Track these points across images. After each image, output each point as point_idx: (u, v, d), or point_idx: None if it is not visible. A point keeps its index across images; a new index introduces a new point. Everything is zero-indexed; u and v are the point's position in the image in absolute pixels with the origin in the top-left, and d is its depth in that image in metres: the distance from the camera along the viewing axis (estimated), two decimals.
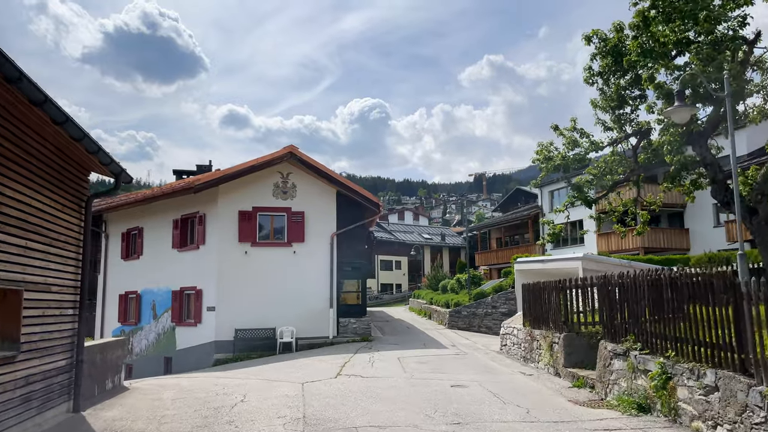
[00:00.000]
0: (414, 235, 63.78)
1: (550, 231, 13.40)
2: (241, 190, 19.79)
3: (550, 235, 13.41)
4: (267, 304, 19.35)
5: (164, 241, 21.54)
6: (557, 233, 13.30)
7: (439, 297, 29.25)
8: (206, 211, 20.07)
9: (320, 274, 19.95)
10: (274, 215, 20.09)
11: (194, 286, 20.09)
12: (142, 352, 22.38)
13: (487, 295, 24.09)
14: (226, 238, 19.47)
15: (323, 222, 20.24)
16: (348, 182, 19.86)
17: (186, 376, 14.36)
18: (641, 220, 13.58)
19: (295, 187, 20.21)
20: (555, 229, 13.30)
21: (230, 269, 19.32)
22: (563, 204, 13.50)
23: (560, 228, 13.46)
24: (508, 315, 23.24)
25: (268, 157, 19.30)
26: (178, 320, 20.62)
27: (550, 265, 20.90)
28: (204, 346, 19.42)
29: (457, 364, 12.96)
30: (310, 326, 19.50)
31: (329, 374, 11.69)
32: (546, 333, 11.70)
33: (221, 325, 18.99)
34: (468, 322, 23.89)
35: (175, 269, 21.04)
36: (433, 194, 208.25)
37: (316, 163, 19.72)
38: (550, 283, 11.87)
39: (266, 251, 19.75)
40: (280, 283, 19.56)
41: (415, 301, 38.91)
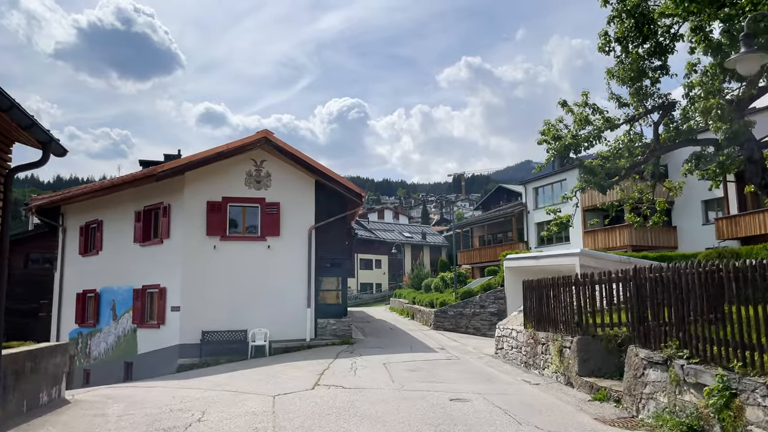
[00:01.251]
0: (394, 233, 62.32)
1: (556, 221, 11.95)
2: (209, 178, 18.03)
3: (557, 225, 11.98)
4: (238, 304, 17.64)
5: (125, 235, 19.67)
6: (564, 223, 11.87)
7: (423, 296, 27.79)
8: (171, 202, 18.26)
9: (297, 271, 18.30)
10: (247, 206, 18.38)
11: (157, 284, 18.27)
12: (100, 356, 20.45)
13: (475, 294, 22.68)
14: (193, 231, 17.70)
15: (300, 214, 18.59)
16: (328, 170, 18.24)
17: (143, 386, 12.63)
18: (657, 208, 12.20)
19: (270, 176, 18.52)
20: (562, 219, 11.85)
21: (197, 265, 17.55)
22: (572, 190, 12.07)
23: (567, 217, 12.03)
24: (497, 315, 21.87)
25: (239, 142, 17.58)
26: (140, 321, 18.77)
27: (543, 261, 19.55)
28: (167, 350, 17.61)
29: (452, 371, 11.45)
30: (285, 328, 17.84)
31: (305, 384, 10.09)
32: (554, 336, 10.26)
33: (187, 327, 17.22)
34: (455, 323, 22.46)
35: (137, 266, 19.18)
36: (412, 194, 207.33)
37: (292, 149, 18.06)
38: (559, 279, 10.44)
39: (237, 246, 18.02)
40: (252, 280, 17.86)
41: (396, 300, 37.44)
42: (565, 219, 11.81)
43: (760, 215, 26.32)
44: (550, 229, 12.23)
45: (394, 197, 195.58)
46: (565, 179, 38.54)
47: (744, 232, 27.26)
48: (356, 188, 18.41)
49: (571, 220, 11.91)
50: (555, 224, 12.02)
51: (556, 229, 11.99)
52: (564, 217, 11.92)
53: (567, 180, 38.34)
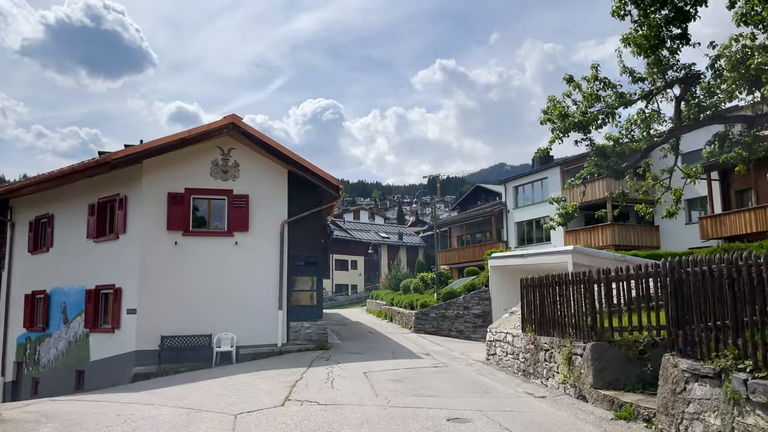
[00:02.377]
0: (371, 233, 60.92)
1: (561, 211, 10.67)
2: (171, 168, 16.37)
3: (562, 216, 10.69)
4: (202, 306, 16.01)
5: (78, 230, 17.86)
6: (569, 214, 10.58)
7: (402, 297, 26.43)
8: (128, 194, 16.54)
9: (267, 269, 16.74)
10: (212, 199, 16.75)
11: (112, 284, 16.52)
12: (50, 364, 18.57)
13: (458, 295, 21.40)
14: (152, 226, 16.01)
15: (272, 208, 17.03)
16: (302, 160, 16.72)
17: (89, 399, 11.01)
18: (673, 197, 11.02)
19: (238, 166, 16.93)
20: (566, 209, 10.57)
21: (156, 263, 15.87)
22: (578, 176, 10.83)
23: (573, 207, 10.76)
24: (482, 317, 20.65)
25: (204, 127, 15.96)
26: (93, 325, 16.98)
27: (531, 260, 18.36)
28: (122, 357, 15.89)
29: (442, 381, 10.08)
30: (254, 332, 16.26)
31: (274, 400, 8.61)
32: (561, 341, 8.97)
33: (144, 332, 15.53)
34: (436, 326, 21.15)
35: (90, 264, 17.40)
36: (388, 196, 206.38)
37: (263, 136, 16.50)
38: (566, 276, 9.17)
39: (201, 242, 16.39)
40: (218, 280, 16.25)
41: (373, 302, 36.03)
42: (570, 209, 10.56)
43: (746, 214, 25.69)
44: (553, 220, 10.94)
45: (370, 198, 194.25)
46: (546, 177, 37.69)
47: (729, 231, 26.61)
48: (333, 179, 16.94)
49: (577, 211, 10.65)
50: (559, 215, 10.74)
51: (561, 221, 10.72)
52: (569, 206, 10.67)
53: (548, 178, 37.50)
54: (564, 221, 10.61)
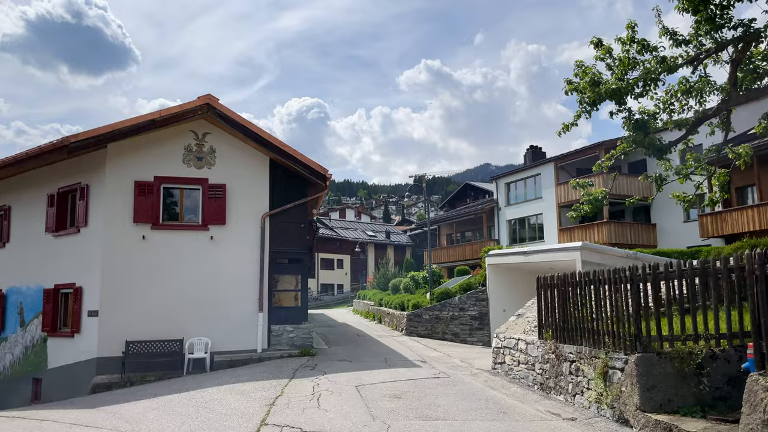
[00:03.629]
0: (357, 232, 59.37)
1: (588, 198, 9.20)
2: (138, 153, 14.69)
3: (590, 203, 9.22)
4: (172, 308, 14.37)
5: (37, 223, 16.10)
6: (599, 201, 9.10)
7: (391, 298, 24.94)
8: (90, 182, 14.83)
9: (246, 267, 15.12)
10: (185, 188, 15.10)
11: (72, 283, 14.81)
12: (5, 371, 16.77)
13: (453, 295, 19.95)
14: (117, 218, 14.33)
15: (252, 199, 15.42)
16: (286, 146, 15.13)
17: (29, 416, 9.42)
18: (716, 183, 9.60)
19: (214, 152, 15.29)
20: (595, 195, 9.09)
21: (121, 260, 14.19)
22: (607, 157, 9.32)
23: (602, 193, 9.27)
24: (479, 319, 19.24)
25: (175, 108, 14.29)
26: (51, 329, 15.26)
27: (535, 257, 16.98)
28: (82, 365, 14.19)
29: (449, 397, 8.57)
30: (231, 336, 14.65)
31: (248, 424, 7.05)
32: (593, 352, 7.52)
33: (107, 336, 13.85)
34: (430, 328, 19.68)
35: (50, 261, 15.66)
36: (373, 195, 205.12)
37: (242, 119, 14.87)
38: (601, 274, 7.70)
39: (173, 236, 14.73)
40: (191, 278, 14.61)
41: (360, 302, 34.53)
42: (599, 194, 9.09)
43: (748, 212, 24.62)
44: (579, 208, 9.47)
45: (355, 198, 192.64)
46: (540, 174, 36.42)
47: (730, 229, 25.55)
48: (319, 167, 15.36)
49: (607, 198, 9.20)
50: (586, 200, 9.26)
51: (588, 209, 9.25)
52: (597, 192, 9.18)
53: (542, 175, 36.24)
54: (592, 210, 9.15)
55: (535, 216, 36.57)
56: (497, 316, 19.26)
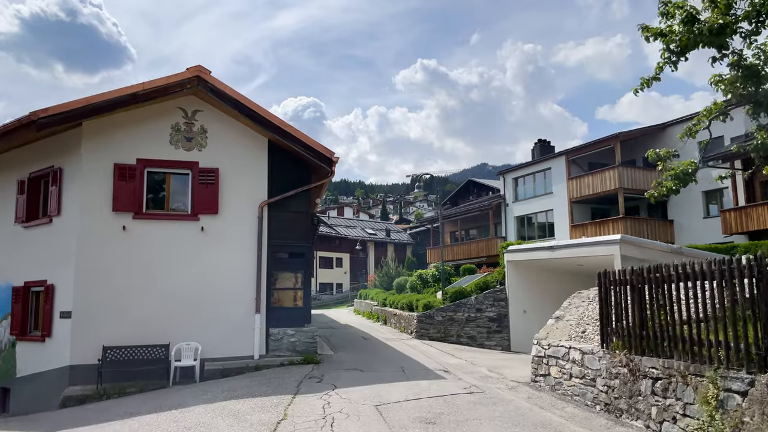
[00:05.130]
0: (357, 230, 57.58)
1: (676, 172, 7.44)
2: (119, 133, 12.90)
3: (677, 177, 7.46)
4: (157, 309, 12.59)
5: (6, 212, 14.31)
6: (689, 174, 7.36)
7: (398, 298, 23.18)
8: (64, 165, 13.04)
9: (242, 262, 13.36)
10: (173, 173, 13.32)
11: (44, 281, 13.02)
12: None
13: (469, 295, 18.22)
14: (94, 205, 12.53)
15: (248, 185, 13.66)
16: (287, 126, 13.37)
17: None
18: None
19: (206, 133, 13.52)
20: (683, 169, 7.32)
21: (99, 254, 12.40)
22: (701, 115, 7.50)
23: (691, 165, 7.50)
24: (497, 320, 17.52)
25: (161, 81, 12.49)
26: (20, 332, 13.46)
27: (562, 252, 15.27)
28: (54, 374, 12.39)
29: (495, 423, 6.81)
30: (224, 341, 12.89)
31: None
32: (692, 368, 5.78)
33: (81, 341, 12.06)
34: (443, 331, 17.94)
35: (19, 255, 13.86)
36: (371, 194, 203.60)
37: (237, 95, 13.09)
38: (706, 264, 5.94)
39: (158, 227, 12.95)
40: (178, 275, 12.84)
41: (362, 302, 32.77)
42: (687, 167, 7.34)
43: None
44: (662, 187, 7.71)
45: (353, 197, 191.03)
46: (550, 168, 34.72)
47: (755, 225, 23.97)
48: (325, 150, 13.60)
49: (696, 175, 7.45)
50: (671, 175, 7.51)
51: (672, 186, 7.51)
52: (685, 164, 7.43)
53: (552, 169, 34.54)
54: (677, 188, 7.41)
55: (545, 212, 34.89)
56: (517, 318, 17.57)
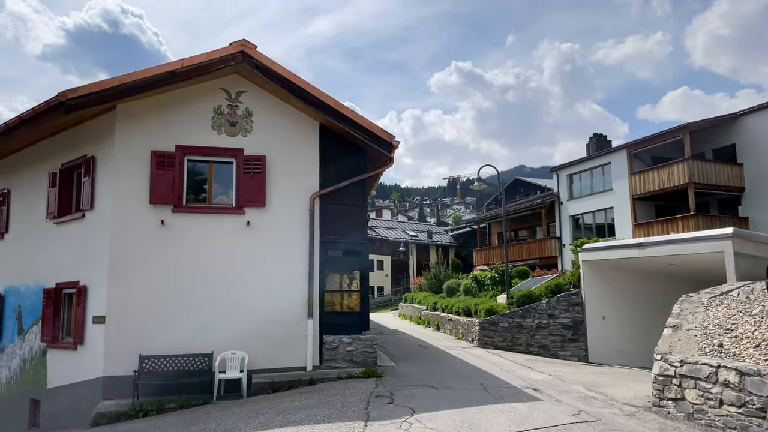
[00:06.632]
0: (398, 231, 55.94)
1: None
2: (156, 116, 11.58)
3: None
4: (199, 314, 11.18)
5: (37, 208, 13.20)
6: None
7: (452, 301, 21.41)
8: (97, 153, 11.79)
9: (292, 261, 11.86)
10: (215, 161, 11.92)
11: (76, 281, 11.78)
12: (1, 388, 13.89)
13: (538, 299, 16.32)
14: (129, 198, 11.22)
15: (298, 175, 12.15)
16: (343, 107, 11.81)
17: None
18: None
19: (251, 116, 12.08)
20: None
21: (134, 251, 11.07)
22: None
23: None
24: (572, 328, 15.59)
25: (202, 57, 11.08)
26: (52, 338, 12.27)
27: (653, 250, 13.28)
28: (86, 386, 11.10)
29: None
30: (273, 350, 11.40)
31: None
32: None
33: (116, 349, 10.74)
34: (510, 339, 16.09)
35: (50, 253, 12.70)
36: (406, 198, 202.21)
37: (287, 72, 11.58)
38: None
39: (199, 221, 11.55)
40: (221, 275, 11.41)
41: (408, 306, 31.08)
42: None
43: None
44: None
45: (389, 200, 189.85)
46: (609, 163, 32.39)
47: None
48: (385, 133, 11.99)
49: None
50: None
51: None
52: None
53: (611, 164, 32.20)
54: None
55: (604, 210, 32.55)
56: (596, 325, 15.60)
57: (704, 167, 28.20)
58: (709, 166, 28.36)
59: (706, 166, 28.30)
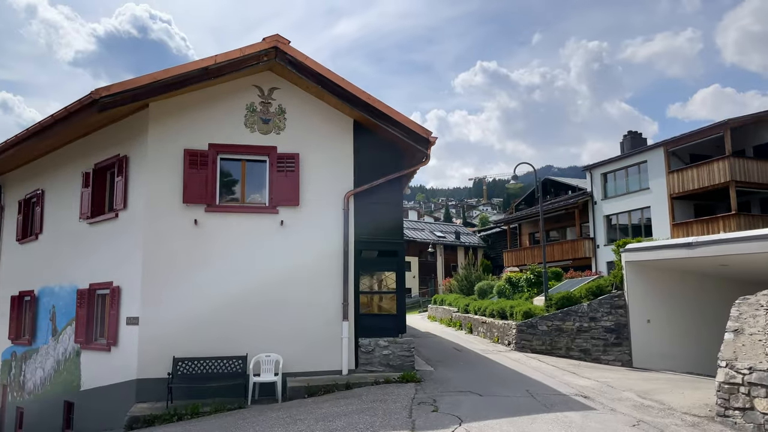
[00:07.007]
0: (425, 232, 55.41)
1: None
2: (189, 114, 11.39)
3: None
4: (232, 315, 10.94)
5: (71, 208, 13.16)
6: None
7: (485, 304, 20.89)
8: (130, 153, 11.65)
9: (326, 261, 11.55)
10: (248, 160, 11.68)
11: (109, 282, 11.65)
12: (35, 390, 13.89)
13: (579, 301, 15.73)
14: (162, 197, 11.04)
15: (332, 173, 11.84)
16: (378, 101, 11.46)
17: None
18: None
19: (284, 113, 11.81)
20: None
21: (167, 251, 10.89)
22: None
23: None
24: (615, 331, 14.97)
25: (235, 53, 10.85)
26: (85, 340, 12.17)
27: (705, 250, 12.61)
28: (119, 388, 10.95)
29: None
30: (307, 352, 11.10)
31: None
32: None
33: (149, 351, 10.56)
34: (549, 343, 15.53)
35: (84, 254, 12.63)
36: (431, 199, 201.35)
37: (321, 68, 11.27)
38: None
39: (232, 221, 11.32)
40: (255, 276, 11.16)
41: (437, 308, 30.59)
42: None
43: None
44: None
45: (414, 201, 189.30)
46: (645, 161, 31.46)
47: None
48: (421, 129, 11.60)
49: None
50: None
51: None
52: None
53: (647, 162, 31.26)
54: None
55: (640, 210, 31.61)
56: (640, 329, 14.95)
57: (745, 165, 27.16)
58: (750, 163, 27.32)
59: (748, 164, 27.26)
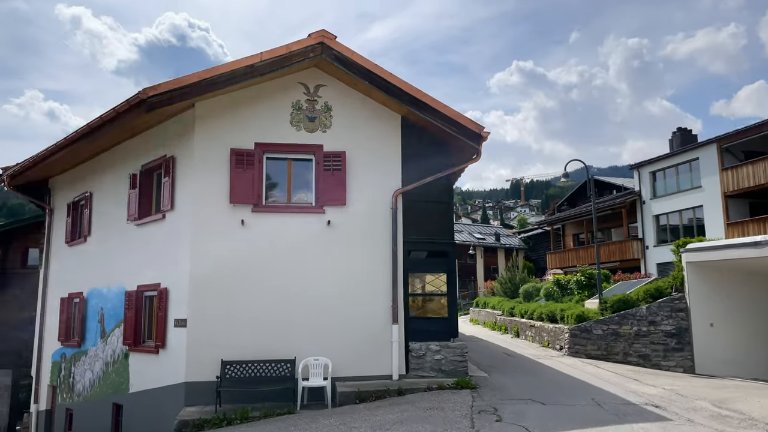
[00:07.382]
0: (464, 234, 54.54)
1: None
2: (235, 113, 11.22)
3: None
4: (279, 317, 10.70)
5: (118, 210, 13.16)
6: None
7: (532, 307, 20.22)
8: (176, 153, 11.54)
9: (374, 262, 11.19)
10: (294, 159, 11.43)
11: (157, 284, 11.55)
12: (84, 392, 13.95)
13: (636, 304, 14.96)
14: (209, 197, 10.88)
15: (379, 171, 11.48)
16: (427, 96, 11.04)
17: None
18: None
19: (330, 111, 11.52)
20: None
21: (214, 252, 10.71)
22: None
23: None
24: (676, 336, 14.17)
25: (281, 50, 10.59)
26: (133, 342, 12.11)
27: None
28: (168, 391, 10.82)
29: None
30: (355, 357, 10.76)
31: None
32: None
33: (198, 354, 10.40)
34: (604, 347, 14.82)
35: (132, 256, 12.60)
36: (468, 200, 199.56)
37: (368, 63, 10.93)
38: None
39: (279, 221, 11.07)
40: (302, 277, 10.89)
41: (480, 311, 29.91)
42: None
43: None
44: None
45: None
46: (697, 158, 30.14)
47: None
48: (473, 123, 11.13)
49: None
50: None
51: None
52: None
53: (699, 159, 29.94)
54: None
55: (692, 209, 30.29)
56: (703, 334, 14.11)
57: None
58: None
59: None
